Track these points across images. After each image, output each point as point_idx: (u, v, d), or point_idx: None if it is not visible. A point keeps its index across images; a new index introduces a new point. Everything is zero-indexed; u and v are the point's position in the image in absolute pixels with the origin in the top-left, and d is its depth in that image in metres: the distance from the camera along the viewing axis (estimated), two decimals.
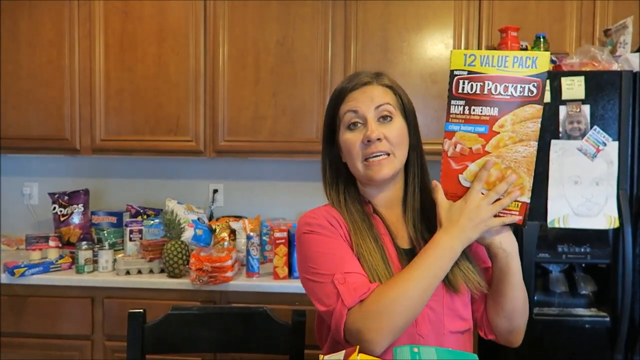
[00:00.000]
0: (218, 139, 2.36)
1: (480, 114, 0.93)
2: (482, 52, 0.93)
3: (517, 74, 0.91)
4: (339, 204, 1.11)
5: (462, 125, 0.94)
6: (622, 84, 1.78)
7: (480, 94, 0.92)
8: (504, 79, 0.92)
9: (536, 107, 0.93)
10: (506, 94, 0.92)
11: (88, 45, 2.38)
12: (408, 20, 2.30)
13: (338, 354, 0.81)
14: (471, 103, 0.93)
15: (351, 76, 1.12)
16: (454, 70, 0.93)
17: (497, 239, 0.99)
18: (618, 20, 2.11)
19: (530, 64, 0.91)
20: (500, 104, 0.92)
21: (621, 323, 1.77)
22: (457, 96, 0.93)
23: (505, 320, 1.07)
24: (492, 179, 0.95)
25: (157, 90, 2.37)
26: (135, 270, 2.15)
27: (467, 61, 0.92)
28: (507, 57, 0.91)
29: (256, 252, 2.12)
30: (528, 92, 0.92)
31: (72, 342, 2.13)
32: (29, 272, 2.11)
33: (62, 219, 2.46)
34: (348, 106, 1.07)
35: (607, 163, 1.78)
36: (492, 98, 0.92)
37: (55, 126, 2.40)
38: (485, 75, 0.92)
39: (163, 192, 2.65)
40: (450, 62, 0.93)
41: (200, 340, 1.38)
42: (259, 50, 2.34)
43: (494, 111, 0.93)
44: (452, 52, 0.93)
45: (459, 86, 0.93)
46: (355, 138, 1.05)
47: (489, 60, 0.91)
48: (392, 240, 1.07)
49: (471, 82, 0.92)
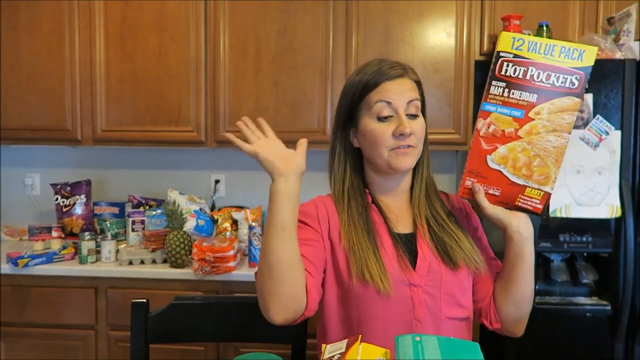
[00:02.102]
0: (219, 129, 2.36)
1: (519, 99, 0.93)
2: (530, 37, 0.92)
3: (562, 64, 0.91)
4: (341, 195, 1.13)
5: (499, 107, 0.95)
6: (625, 73, 1.77)
7: (522, 79, 0.92)
8: (547, 67, 0.91)
9: (575, 99, 0.93)
10: (548, 82, 0.92)
11: (88, 35, 2.37)
12: (410, 8, 2.28)
13: (340, 342, 0.82)
14: (512, 86, 0.93)
15: (380, 64, 1.09)
16: (500, 52, 0.92)
17: (515, 221, 1.01)
18: (621, 8, 2.09)
19: (576, 56, 0.91)
20: (540, 91, 0.92)
21: (622, 312, 1.78)
22: (499, 77, 0.93)
23: (514, 309, 1.08)
24: (519, 164, 0.96)
25: (157, 81, 2.36)
26: (137, 260, 2.16)
27: (515, 44, 0.91)
28: (555, 46, 0.91)
29: (258, 242, 2.13)
30: (570, 83, 0.92)
31: (76, 331, 2.15)
32: (32, 263, 2.12)
33: (64, 210, 2.46)
34: (381, 96, 1.06)
35: (610, 152, 1.78)
36: (533, 84, 0.92)
37: (56, 117, 2.40)
38: (530, 60, 0.91)
39: (165, 182, 2.65)
40: (497, 43, 0.92)
41: (203, 329, 1.39)
42: (259, 40, 2.33)
43: (532, 97, 0.93)
44: (502, 34, 0.93)
45: (502, 68, 0.92)
46: (386, 129, 1.06)
47: (537, 46, 0.91)
48: (388, 228, 1.09)
49: (515, 65, 0.92)
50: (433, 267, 1.05)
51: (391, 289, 1.00)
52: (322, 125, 2.31)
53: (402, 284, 1.02)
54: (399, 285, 1.02)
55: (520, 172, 0.96)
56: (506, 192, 0.98)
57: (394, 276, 1.02)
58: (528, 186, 0.98)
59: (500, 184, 0.98)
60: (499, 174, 0.97)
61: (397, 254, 1.05)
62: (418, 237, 1.09)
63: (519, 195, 0.98)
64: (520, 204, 0.99)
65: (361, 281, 1.01)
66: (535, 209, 0.99)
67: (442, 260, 1.06)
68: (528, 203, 0.98)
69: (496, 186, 0.98)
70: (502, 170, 0.97)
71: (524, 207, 0.99)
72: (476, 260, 1.07)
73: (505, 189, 0.98)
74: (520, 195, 0.98)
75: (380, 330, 1.02)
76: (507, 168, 0.96)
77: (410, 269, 1.04)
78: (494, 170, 0.96)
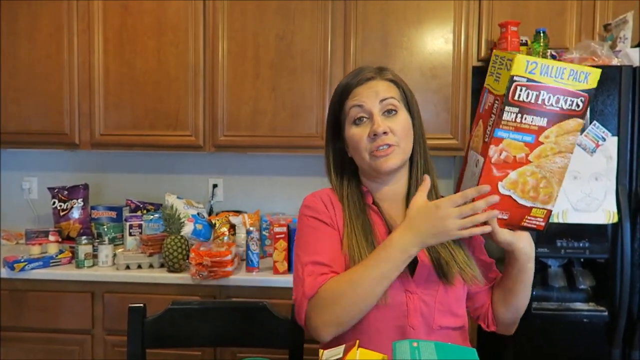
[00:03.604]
0: (217, 133, 2.36)
1: (531, 123, 0.92)
2: (543, 60, 0.91)
3: (569, 87, 0.91)
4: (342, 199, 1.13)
5: (512, 132, 0.93)
6: (621, 79, 1.78)
7: (534, 103, 0.91)
8: (557, 91, 0.91)
9: (578, 120, 0.93)
10: (557, 105, 0.92)
11: (87, 39, 2.37)
12: (408, 14, 2.29)
13: (337, 348, 0.82)
14: (524, 111, 0.91)
15: (355, 72, 1.12)
16: (514, 76, 0.90)
17: (522, 243, 1.00)
18: (618, 15, 2.10)
19: (582, 79, 0.91)
20: (550, 115, 0.92)
21: (619, 317, 1.78)
22: (512, 103, 0.91)
23: (512, 315, 1.11)
24: (528, 187, 0.95)
25: (156, 85, 2.36)
26: (135, 265, 2.15)
27: (529, 68, 0.90)
28: (565, 69, 0.90)
29: (256, 247, 2.13)
30: (575, 105, 0.92)
31: (73, 336, 2.14)
32: (29, 267, 2.11)
33: (61, 214, 2.46)
34: (353, 101, 1.08)
35: (607, 158, 1.79)
36: (544, 108, 0.91)
37: (54, 121, 2.40)
38: (542, 84, 0.90)
39: (163, 186, 2.65)
40: (511, 67, 0.90)
41: (200, 334, 1.39)
42: (258, 45, 2.33)
43: (543, 121, 0.92)
44: (516, 57, 0.90)
45: (515, 93, 0.91)
46: (361, 132, 1.07)
47: (548, 70, 0.90)
48: (389, 230, 1.08)
49: (528, 89, 0.91)
50: (431, 276, 1.05)
51: (388, 296, 1.00)
52: (320, 130, 2.32)
53: (399, 290, 1.02)
54: (395, 291, 1.02)
55: (528, 195, 0.96)
56: (514, 215, 0.97)
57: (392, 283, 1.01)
58: (534, 207, 0.97)
59: (509, 208, 0.97)
60: (508, 199, 0.96)
61: None
62: None
63: (525, 216, 0.98)
64: (526, 223, 0.98)
65: None
66: (538, 227, 0.99)
67: (436, 273, 1.05)
68: (533, 222, 0.98)
69: (505, 210, 0.97)
70: (512, 195, 0.96)
71: (529, 226, 0.99)
72: (472, 273, 1.06)
73: (513, 212, 0.97)
74: (527, 216, 0.98)
75: (373, 334, 1.02)
76: (517, 192, 0.95)
77: (408, 276, 1.04)
78: (505, 195, 0.95)
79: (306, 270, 1.03)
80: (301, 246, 1.09)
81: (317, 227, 1.08)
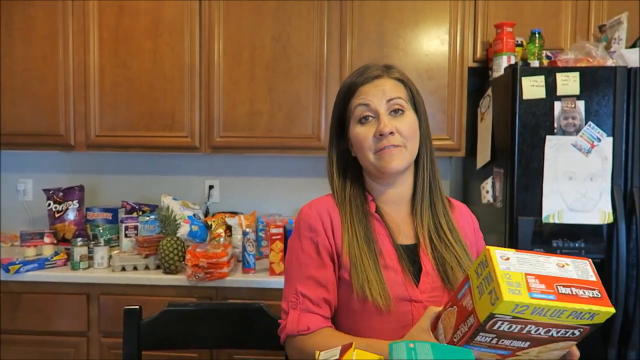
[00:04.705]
0: (213, 134, 2.36)
1: (508, 345, 0.80)
2: (536, 302, 0.73)
3: (567, 323, 0.76)
4: (343, 200, 1.10)
5: (484, 349, 0.81)
6: (616, 80, 1.78)
7: (517, 333, 0.77)
8: (550, 325, 0.76)
9: (570, 342, 0.80)
10: (547, 334, 0.78)
11: (82, 40, 2.36)
12: (404, 16, 2.30)
13: (333, 350, 0.81)
14: (503, 336, 0.78)
15: (361, 69, 1.09)
16: (496, 314, 0.74)
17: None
18: (613, 16, 2.11)
19: (587, 317, 0.75)
20: (535, 339, 0.79)
21: (615, 317, 1.78)
22: (489, 331, 0.77)
23: None
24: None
25: (152, 86, 2.36)
26: (130, 266, 2.15)
27: (517, 310, 0.73)
28: (565, 311, 0.73)
29: (252, 248, 2.12)
30: (570, 334, 0.78)
31: (68, 338, 2.13)
32: (23, 269, 2.10)
33: (56, 216, 2.45)
34: (359, 100, 1.05)
35: (602, 159, 1.79)
36: (528, 336, 0.78)
37: (49, 122, 2.39)
38: (531, 321, 0.75)
39: (158, 188, 2.65)
40: (494, 306, 0.73)
41: (196, 336, 1.38)
42: (254, 46, 2.33)
43: (524, 344, 0.79)
44: (502, 302, 0.72)
45: (495, 325, 0.76)
46: (367, 132, 1.05)
47: (542, 311, 0.73)
48: (392, 240, 1.06)
49: (512, 324, 0.76)
50: (435, 284, 1.04)
51: (392, 305, 0.99)
52: (317, 131, 2.32)
53: (404, 300, 1.01)
54: (400, 301, 1.00)
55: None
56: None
57: (396, 292, 1.00)
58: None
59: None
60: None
61: (402, 269, 1.03)
62: (421, 251, 1.07)
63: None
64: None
65: (361, 297, 0.99)
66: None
67: (441, 278, 1.04)
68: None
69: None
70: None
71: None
72: None
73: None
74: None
75: None
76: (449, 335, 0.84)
77: (414, 285, 1.02)
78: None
79: (292, 300, 1.04)
80: (290, 261, 1.09)
81: (312, 255, 1.05)
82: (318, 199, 1.13)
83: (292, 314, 1.02)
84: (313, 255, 1.05)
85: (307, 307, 1.02)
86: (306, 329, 1.00)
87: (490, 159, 2.04)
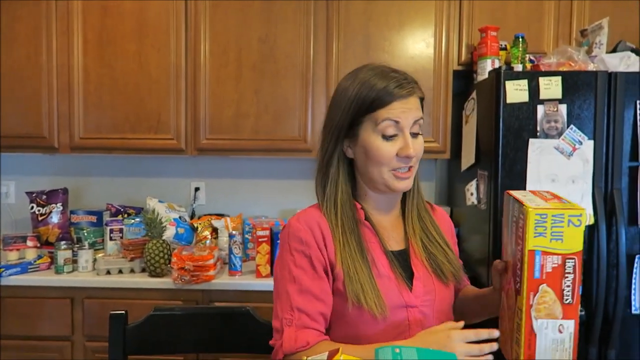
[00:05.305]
0: (199, 136, 2.35)
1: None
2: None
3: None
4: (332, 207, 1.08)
5: None
6: (597, 84, 1.81)
7: None
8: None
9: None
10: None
11: (66, 41, 2.33)
12: (390, 18, 2.31)
13: (321, 354, 0.82)
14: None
15: (388, 79, 1.03)
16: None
17: None
18: (594, 20, 2.15)
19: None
20: None
21: (596, 317, 1.82)
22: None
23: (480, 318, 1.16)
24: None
25: (137, 88, 2.34)
26: (116, 270, 2.13)
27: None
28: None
29: (238, 251, 2.12)
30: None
31: (52, 343, 2.10)
32: (6, 273, 2.07)
33: (40, 219, 2.41)
34: (389, 114, 1.01)
35: (583, 161, 1.82)
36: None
37: (33, 124, 2.35)
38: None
39: (144, 190, 2.63)
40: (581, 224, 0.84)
41: (182, 340, 1.38)
42: (240, 47, 2.33)
43: None
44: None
45: None
46: (390, 149, 1.03)
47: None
48: (383, 247, 1.07)
49: None
50: (428, 286, 1.06)
51: (388, 312, 0.99)
52: (303, 133, 2.32)
53: (400, 307, 1.02)
54: (396, 308, 1.01)
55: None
56: None
57: (392, 300, 1.01)
58: None
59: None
60: None
61: (394, 275, 1.04)
62: (411, 255, 1.09)
63: None
64: None
65: (356, 306, 0.99)
66: None
67: (436, 275, 1.07)
68: None
69: None
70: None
71: None
72: (460, 273, 1.11)
73: None
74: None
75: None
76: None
77: (408, 290, 1.03)
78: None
79: (287, 318, 1.01)
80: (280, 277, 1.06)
81: (306, 268, 1.03)
82: (304, 212, 1.10)
83: (287, 332, 0.99)
84: (307, 268, 1.03)
85: (304, 322, 1.00)
86: (305, 345, 0.98)
87: (475, 162, 2.06)
